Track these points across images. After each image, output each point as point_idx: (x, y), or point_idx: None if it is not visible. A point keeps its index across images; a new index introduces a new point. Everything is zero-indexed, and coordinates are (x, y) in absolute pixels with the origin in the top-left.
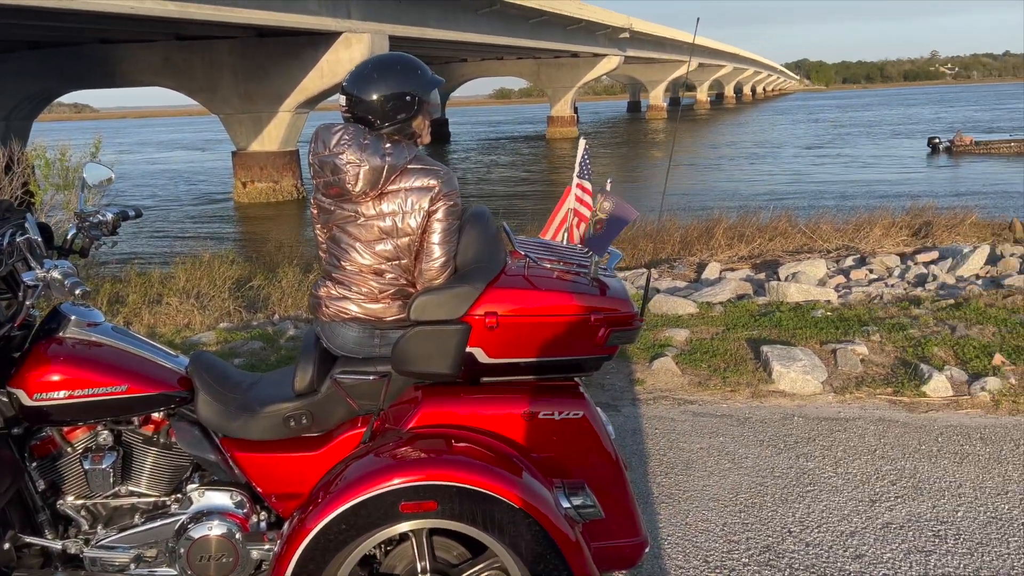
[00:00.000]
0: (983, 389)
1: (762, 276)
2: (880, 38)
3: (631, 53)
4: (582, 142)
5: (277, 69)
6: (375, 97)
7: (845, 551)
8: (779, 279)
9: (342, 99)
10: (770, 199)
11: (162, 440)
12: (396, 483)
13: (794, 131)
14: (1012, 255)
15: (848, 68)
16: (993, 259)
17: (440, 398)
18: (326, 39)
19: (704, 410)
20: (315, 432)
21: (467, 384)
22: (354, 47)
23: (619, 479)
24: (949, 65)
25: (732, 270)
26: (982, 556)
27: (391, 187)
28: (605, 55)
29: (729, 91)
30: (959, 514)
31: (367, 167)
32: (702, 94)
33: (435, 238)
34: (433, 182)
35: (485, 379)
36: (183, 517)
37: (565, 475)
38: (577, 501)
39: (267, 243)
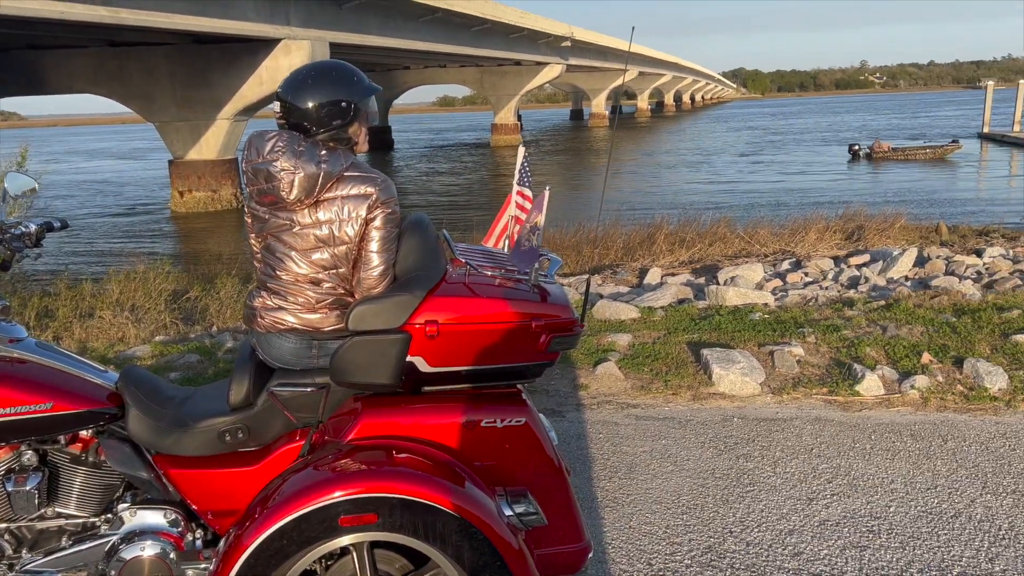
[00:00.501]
0: (912, 387)
1: (702, 280)
2: (813, 48)
3: (573, 61)
4: (521, 149)
5: (215, 76)
6: (310, 104)
7: (784, 549)
8: (718, 283)
9: (276, 106)
10: (707, 205)
11: (91, 459)
12: (335, 496)
13: (729, 138)
14: (938, 257)
15: (783, 77)
16: (921, 261)
17: (380, 409)
18: (265, 46)
19: (647, 413)
20: (252, 446)
21: (408, 394)
22: (294, 54)
23: (562, 485)
24: (878, 74)
25: (673, 275)
26: (914, 550)
27: (327, 195)
28: (548, 63)
29: (669, 99)
30: (891, 509)
31: (302, 174)
32: (643, 102)
33: (373, 246)
34: (370, 189)
35: (426, 388)
36: (114, 538)
37: (508, 482)
38: (520, 508)
39: (205, 253)
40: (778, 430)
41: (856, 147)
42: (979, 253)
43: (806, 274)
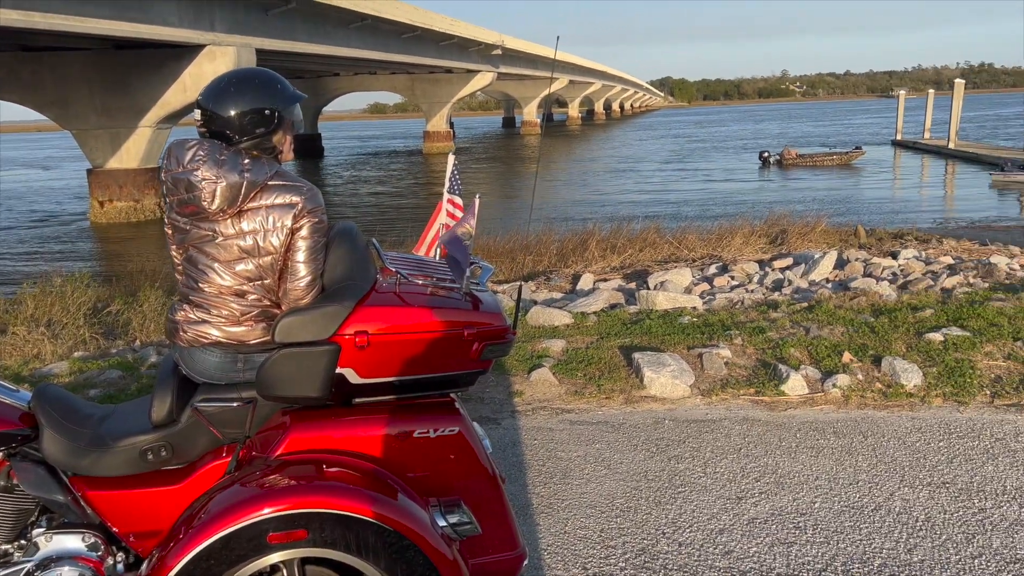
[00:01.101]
0: (834, 386)
1: (633, 285)
2: (737, 57)
3: (504, 70)
4: (451, 157)
5: (137, 83)
6: (232, 112)
7: (715, 549)
8: (648, 288)
9: (197, 113)
10: (636, 212)
11: (2, 483)
12: (264, 513)
13: (654, 146)
14: (857, 259)
15: (708, 86)
16: (841, 263)
17: (309, 422)
18: (189, 52)
19: (581, 418)
20: (176, 464)
21: (338, 406)
22: (219, 60)
23: (496, 493)
24: (798, 83)
25: (605, 280)
26: (838, 544)
27: (251, 204)
28: (479, 71)
29: (599, 107)
30: (816, 505)
31: (224, 184)
32: (574, 110)
33: (300, 256)
34: (296, 199)
35: (357, 400)
36: (28, 565)
37: (442, 492)
38: (453, 519)
39: (128, 265)
40: (708, 431)
41: (766, 154)
42: (894, 255)
43: (732, 278)
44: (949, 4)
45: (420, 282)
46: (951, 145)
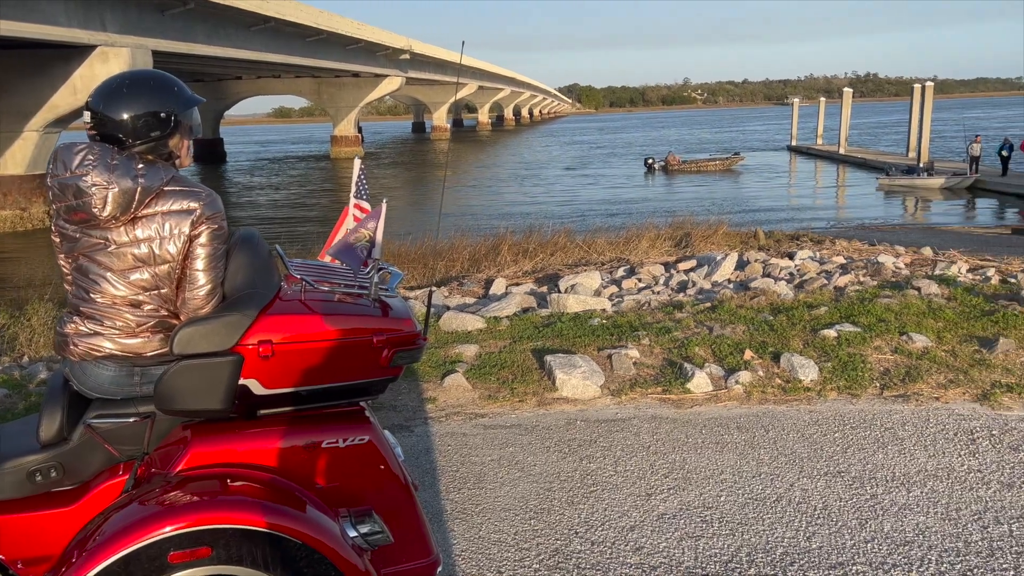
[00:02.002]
0: (737, 382)
1: (545, 289)
2: (642, 65)
3: (412, 74)
4: (357, 162)
5: (21, 85)
6: (125, 115)
7: (626, 545)
8: (560, 291)
9: (87, 116)
10: (541, 217)
11: None
12: (164, 531)
13: (559, 152)
14: (756, 260)
15: (614, 92)
16: (741, 264)
17: (212, 436)
18: (80, 53)
19: (494, 422)
20: (68, 485)
21: (242, 419)
22: (112, 62)
23: (408, 501)
24: (699, 91)
25: (517, 284)
26: (743, 535)
27: (145, 211)
28: (387, 75)
29: (509, 113)
30: (722, 499)
31: (116, 189)
32: (483, 116)
33: (199, 264)
34: (194, 204)
35: (262, 411)
36: None
37: (353, 503)
38: (364, 529)
39: (14, 276)
40: (618, 430)
41: (651, 160)
42: (791, 256)
43: (640, 280)
44: (839, 17)
45: (326, 289)
46: (841, 150)
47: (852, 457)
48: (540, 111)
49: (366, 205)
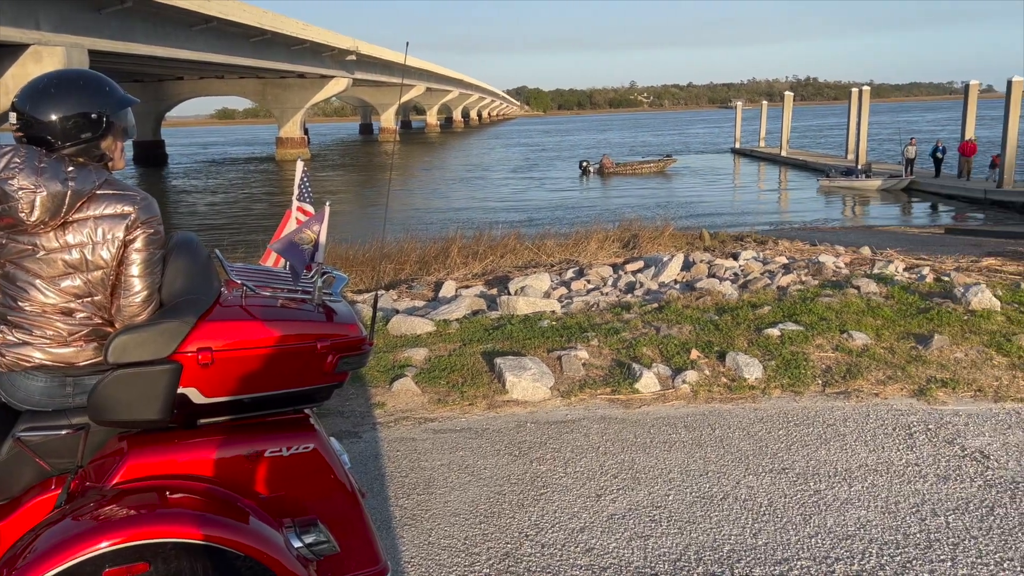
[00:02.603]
0: (684, 382)
1: (494, 292)
2: (589, 68)
3: (359, 76)
4: (300, 164)
5: None
6: (54, 116)
7: (576, 547)
8: (509, 293)
9: (13, 117)
10: (482, 220)
11: None
12: (99, 547)
13: (505, 154)
14: (701, 261)
15: (562, 95)
16: (687, 265)
17: (150, 447)
18: (11, 52)
19: (444, 426)
20: None
21: (181, 429)
22: (46, 61)
23: (355, 509)
24: (645, 94)
25: (467, 287)
26: (691, 533)
27: (77, 216)
28: (333, 76)
29: (457, 115)
30: (670, 498)
31: (44, 193)
32: (432, 118)
33: (134, 270)
34: (128, 208)
35: (203, 421)
36: None
37: (297, 512)
38: (310, 539)
39: None
40: (568, 431)
41: (585, 163)
42: (735, 256)
43: (588, 281)
44: (780, 22)
45: (268, 294)
46: (783, 153)
47: (796, 453)
48: (489, 113)
49: (309, 208)
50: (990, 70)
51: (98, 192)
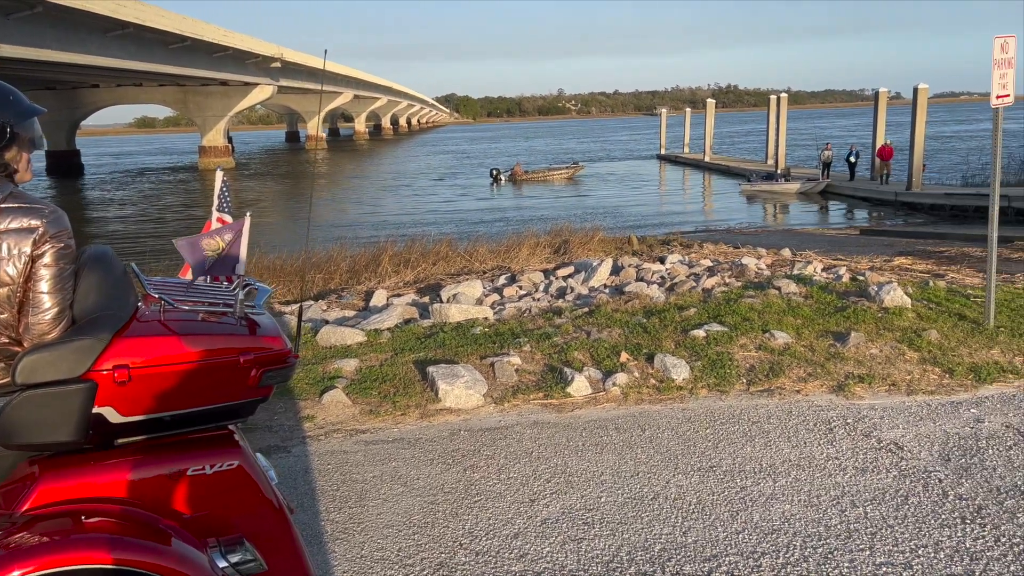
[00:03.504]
0: (614, 384)
1: (427, 300)
2: (518, 76)
3: (284, 83)
4: (219, 173)
5: None
6: None
7: (511, 553)
8: (442, 301)
9: None
10: (412, 226)
11: None
12: None
13: (431, 162)
14: (630, 265)
15: (492, 103)
16: (616, 270)
17: (63, 470)
18: None
19: (376, 437)
20: None
21: (97, 449)
22: None
23: (283, 526)
24: (573, 102)
25: (399, 296)
26: (623, 534)
27: None
28: (257, 84)
29: (386, 122)
30: (602, 500)
31: None
32: (360, 125)
33: (43, 286)
34: (36, 222)
35: (121, 440)
36: None
37: (222, 531)
38: (235, 558)
39: None
40: (501, 438)
41: (495, 171)
42: (662, 260)
43: (520, 287)
44: (702, 31)
45: (188, 308)
46: (707, 158)
47: (723, 451)
48: (418, 121)
49: (228, 218)
50: (898, 78)
51: (3, 206)
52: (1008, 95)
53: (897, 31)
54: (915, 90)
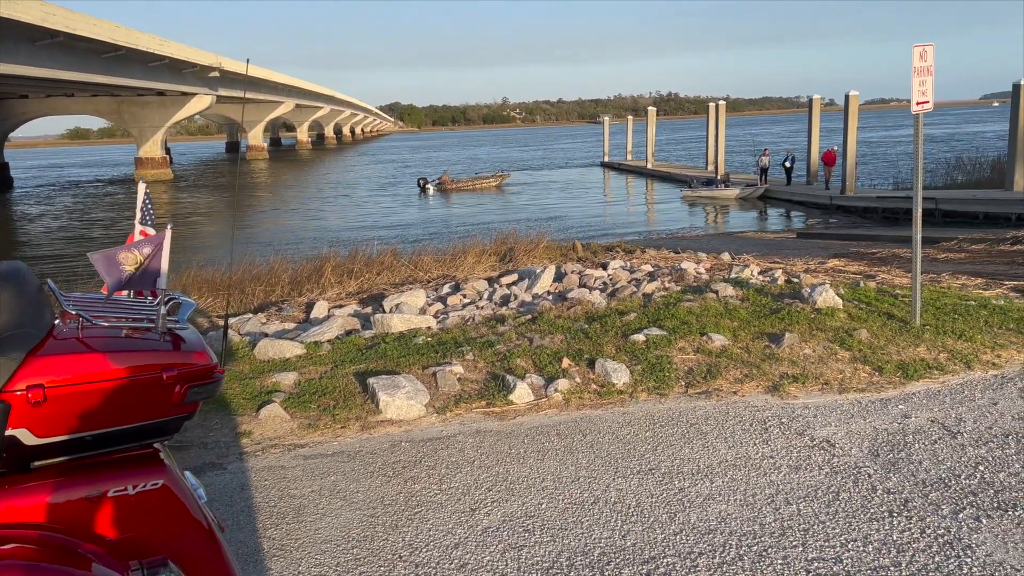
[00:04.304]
0: (556, 390)
1: (369, 310)
2: (463, 85)
3: (224, 92)
4: (142, 186)
5: None
6: None
7: (451, 564)
8: (384, 311)
9: None
10: (354, 237)
11: None
12: None
13: (370, 172)
14: (573, 272)
15: (436, 111)
16: (559, 276)
17: None
18: None
19: (315, 451)
20: None
21: (11, 473)
22: None
23: (212, 545)
24: (518, 110)
25: (340, 307)
26: (563, 540)
27: None
28: (195, 94)
29: (329, 132)
30: (543, 506)
31: None
32: (302, 134)
33: None
34: None
35: (37, 463)
36: None
37: (148, 553)
38: None
39: None
40: (443, 448)
41: (423, 181)
42: (605, 266)
43: (464, 296)
44: (643, 41)
45: (108, 324)
46: (649, 165)
47: (662, 454)
48: (362, 130)
49: (151, 231)
50: (832, 84)
51: None
52: (927, 101)
53: (831, 39)
54: (847, 97)
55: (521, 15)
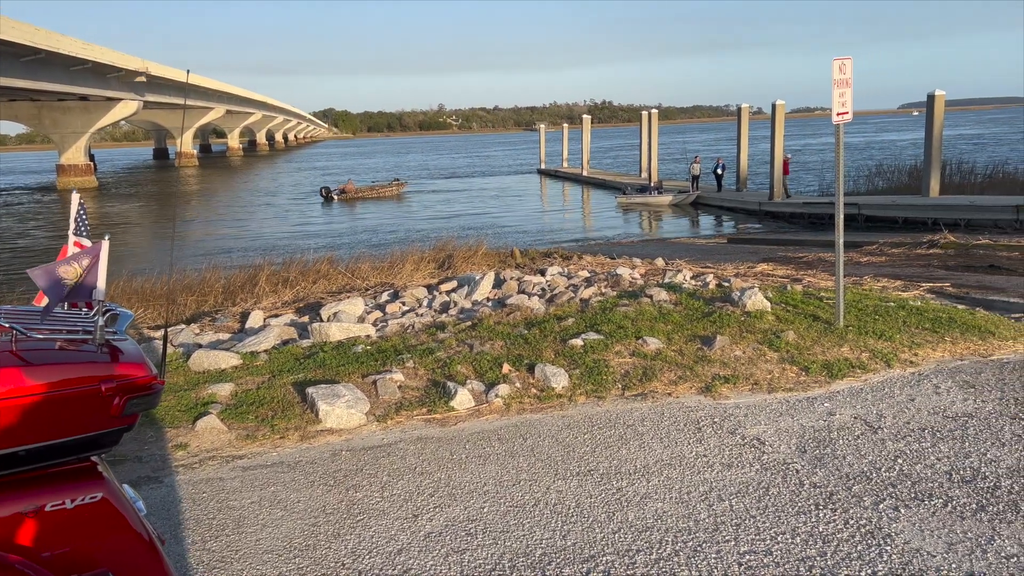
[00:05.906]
0: (497, 396)
1: (306, 319)
2: (398, 91)
3: (151, 98)
4: (75, 195)
5: None
6: None
7: (394, 570)
8: (321, 320)
9: None
10: (287, 245)
11: None
12: None
13: (297, 179)
14: (512, 278)
15: (371, 118)
16: (499, 283)
17: None
18: None
19: (254, 463)
20: None
21: None
22: None
23: (152, 558)
24: (454, 117)
25: (277, 316)
26: (505, 542)
27: None
28: (121, 99)
29: (262, 138)
30: (485, 510)
31: None
32: (234, 141)
33: None
34: None
35: None
36: None
37: (87, 567)
38: None
39: None
40: (384, 455)
41: (325, 189)
42: (543, 272)
43: (404, 303)
44: (579, 49)
45: (42, 336)
46: (585, 172)
47: (600, 455)
48: (296, 136)
49: (86, 242)
50: (760, 93)
51: None
52: (847, 112)
53: (759, 49)
54: (773, 106)
55: (457, 21)
